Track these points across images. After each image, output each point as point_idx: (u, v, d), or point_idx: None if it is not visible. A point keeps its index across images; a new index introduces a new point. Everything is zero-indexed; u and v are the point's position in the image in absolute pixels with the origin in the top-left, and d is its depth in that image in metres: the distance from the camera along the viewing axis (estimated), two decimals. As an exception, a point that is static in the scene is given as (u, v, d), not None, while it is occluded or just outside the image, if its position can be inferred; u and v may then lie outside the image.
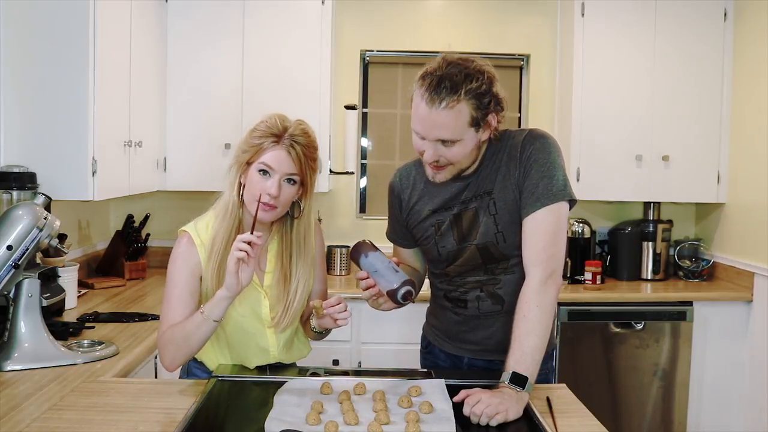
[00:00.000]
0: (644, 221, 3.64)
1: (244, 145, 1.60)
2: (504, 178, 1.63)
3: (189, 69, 3.27)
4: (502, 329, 1.67)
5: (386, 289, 1.55)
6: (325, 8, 3.29)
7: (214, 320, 1.52)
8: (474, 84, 1.50)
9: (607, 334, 3.26)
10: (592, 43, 3.42)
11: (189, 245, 1.61)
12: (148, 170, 3.04)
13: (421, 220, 1.74)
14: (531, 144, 1.62)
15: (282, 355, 1.71)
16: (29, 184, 2.25)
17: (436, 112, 1.50)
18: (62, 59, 2.34)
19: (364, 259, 1.60)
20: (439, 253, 1.72)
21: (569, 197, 1.61)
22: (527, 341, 1.51)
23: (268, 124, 1.58)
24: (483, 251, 1.67)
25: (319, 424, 1.34)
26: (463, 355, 1.79)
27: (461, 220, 1.68)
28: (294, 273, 1.67)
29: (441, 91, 1.49)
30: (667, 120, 3.45)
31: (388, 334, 3.12)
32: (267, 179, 1.56)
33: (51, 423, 1.43)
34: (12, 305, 1.85)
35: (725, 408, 3.30)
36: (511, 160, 1.63)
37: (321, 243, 1.80)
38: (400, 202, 1.80)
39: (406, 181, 1.79)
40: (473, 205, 1.66)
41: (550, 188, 1.59)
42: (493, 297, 1.70)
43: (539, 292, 1.55)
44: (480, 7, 3.72)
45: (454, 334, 1.80)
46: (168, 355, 1.57)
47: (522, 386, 1.46)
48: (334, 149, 3.53)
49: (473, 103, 1.50)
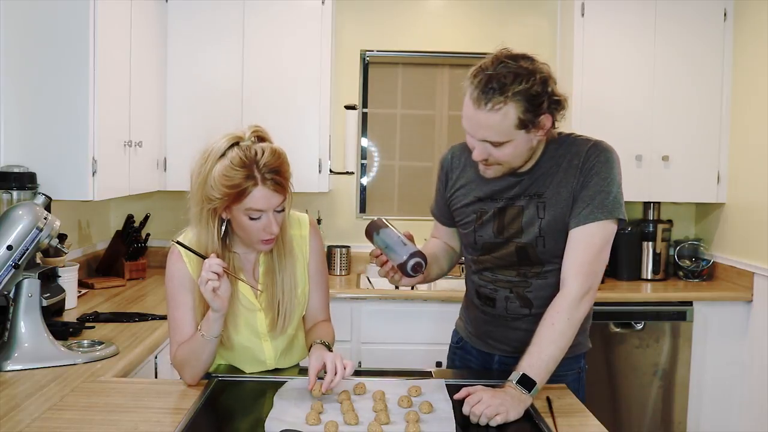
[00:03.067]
0: (644, 221, 3.64)
1: (212, 192, 1.46)
2: (559, 184, 1.60)
3: (189, 69, 3.27)
4: (529, 332, 1.61)
5: (396, 263, 1.55)
6: (325, 8, 3.30)
7: (215, 337, 1.52)
8: (523, 85, 1.44)
9: (607, 334, 3.26)
10: (592, 43, 3.41)
11: (179, 261, 1.60)
12: (148, 170, 3.04)
13: (464, 205, 1.71)
14: (596, 156, 1.60)
15: (279, 363, 1.70)
16: (29, 184, 2.25)
17: (482, 113, 1.46)
18: (62, 59, 2.34)
19: (376, 236, 1.61)
20: (475, 241, 1.70)
21: (621, 216, 1.59)
22: (548, 349, 1.49)
23: (236, 164, 1.44)
24: (521, 251, 1.65)
25: (319, 424, 1.34)
26: (494, 353, 1.79)
27: (505, 214, 1.65)
28: (284, 279, 1.63)
29: (488, 91, 1.44)
30: (667, 120, 3.45)
31: (388, 334, 3.12)
32: (259, 220, 1.50)
33: (51, 423, 1.43)
34: (12, 305, 1.85)
35: (725, 408, 3.30)
36: (570, 168, 1.60)
37: (318, 245, 1.72)
38: (447, 180, 1.77)
39: (458, 161, 1.75)
40: (520, 203, 1.63)
41: (606, 204, 1.57)
42: (522, 299, 1.68)
43: (573, 306, 1.53)
44: (480, 7, 3.72)
45: (483, 332, 1.79)
46: (186, 374, 1.58)
47: (529, 390, 1.45)
48: (334, 149, 3.53)
49: (522, 106, 1.45)
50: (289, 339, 1.70)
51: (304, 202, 3.62)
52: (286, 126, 3.30)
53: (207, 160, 1.49)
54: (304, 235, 1.70)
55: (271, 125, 3.76)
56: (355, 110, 3.61)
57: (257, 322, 1.64)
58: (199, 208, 1.53)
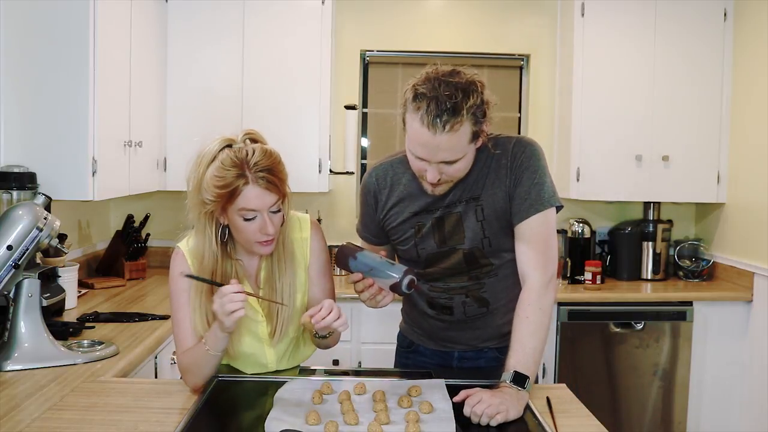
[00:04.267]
0: (644, 221, 3.64)
1: (206, 194, 1.47)
2: (493, 185, 1.63)
3: (189, 69, 3.27)
4: (490, 327, 1.73)
5: (388, 284, 1.53)
6: (325, 8, 3.30)
7: (219, 353, 1.52)
8: (472, 100, 1.45)
9: (607, 334, 3.26)
10: (592, 43, 3.42)
11: (183, 263, 1.59)
12: (148, 170, 3.04)
13: (400, 222, 1.71)
14: (521, 152, 1.63)
15: (281, 365, 1.70)
16: (29, 184, 2.25)
17: (440, 137, 1.46)
18: (62, 59, 2.34)
19: (354, 261, 1.57)
20: (418, 255, 1.70)
21: (558, 203, 1.64)
22: (529, 343, 1.54)
23: (227, 164, 1.45)
24: (468, 256, 1.67)
25: (319, 424, 1.34)
26: (453, 350, 1.80)
27: (444, 223, 1.66)
28: (284, 285, 1.61)
29: (442, 114, 1.43)
30: (667, 120, 3.45)
31: (388, 334, 3.10)
32: (254, 221, 1.49)
33: (51, 423, 1.43)
34: (12, 305, 1.85)
35: (725, 408, 3.30)
36: (500, 168, 1.63)
37: (319, 246, 1.69)
38: (376, 202, 1.75)
39: (383, 182, 1.74)
40: (458, 210, 1.65)
41: (542, 195, 1.61)
42: (479, 300, 1.71)
43: (541, 296, 1.58)
44: (480, 7, 3.72)
45: (440, 337, 1.80)
46: (189, 380, 1.58)
47: (522, 386, 1.47)
48: (334, 149, 3.53)
49: (472, 119, 1.47)
50: (292, 343, 1.69)
51: (304, 202, 3.62)
52: (286, 126, 3.30)
53: (200, 164, 1.50)
54: (305, 237, 1.67)
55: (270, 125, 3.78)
56: (355, 110, 3.61)
57: (259, 329, 1.63)
58: (196, 213, 1.53)
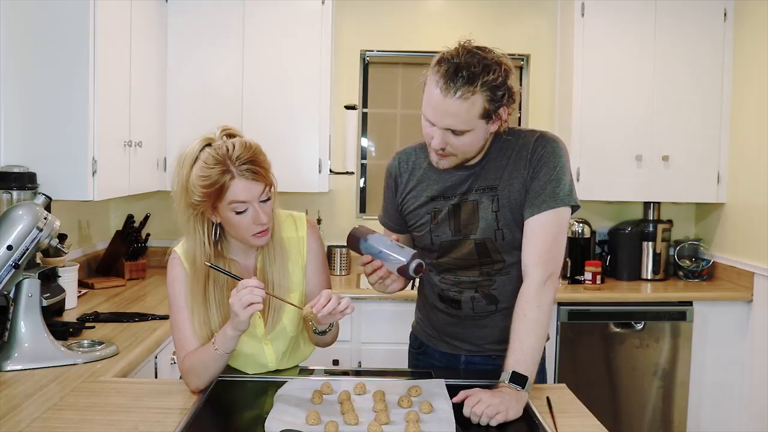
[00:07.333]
0: (644, 221, 3.64)
1: (194, 196, 1.48)
2: (510, 176, 1.62)
3: (189, 69, 3.27)
4: (497, 328, 1.70)
5: (396, 266, 1.52)
6: (325, 8, 3.30)
7: (228, 353, 1.52)
8: (491, 76, 1.46)
9: (607, 334, 3.26)
10: (592, 43, 3.42)
11: (179, 266, 1.59)
12: (148, 170, 3.04)
13: (417, 207, 1.72)
14: (543, 146, 1.62)
15: (281, 364, 1.70)
16: (29, 184, 2.25)
17: (449, 101, 1.48)
18: (62, 59, 2.34)
19: (365, 243, 1.58)
20: (432, 242, 1.70)
21: (573, 203, 1.62)
22: (527, 341, 1.52)
23: (210, 163, 1.46)
24: (480, 247, 1.66)
25: (319, 424, 1.34)
26: (459, 353, 1.79)
27: (460, 211, 1.66)
28: (274, 274, 1.61)
29: (457, 80, 1.46)
30: (667, 120, 3.45)
31: (389, 334, 3.12)
32: (246, 214, 1.50)
33: (51, 423, 1.43)
34: (12, 305, 1.85)
35: (725, 408, 3.30)
36: (520, 159, 1.62)
37: (316, 246, 1.70)
38: (396, 185, 1.78)
39: (405, 165, 1.77)
40: (474, 198, 1.65)
41: (557, 192, 1.59)
42: (488, 297, 1.70)
43: (539, 293, 1.56)
44: (480, 7, 3.72)
45: (448, 334, 1.79)
46: (192, 383, 1.57)
47: (522, 386, 1.46)
48: (334, 149, 3.53)
49: (488, 96, 1.48)
50: (291, 341, 1.69)
51: (304, 202, 3.62)
52: (286, 126, 3.30)
53: (182, 166, 1.50)
54: (301, 236, 1.68)
55: (271, 125, 3.77)
56: (354, 110, 3.61)
57: (256, 328, 1.64)
58: (186, 217, 1.53)
